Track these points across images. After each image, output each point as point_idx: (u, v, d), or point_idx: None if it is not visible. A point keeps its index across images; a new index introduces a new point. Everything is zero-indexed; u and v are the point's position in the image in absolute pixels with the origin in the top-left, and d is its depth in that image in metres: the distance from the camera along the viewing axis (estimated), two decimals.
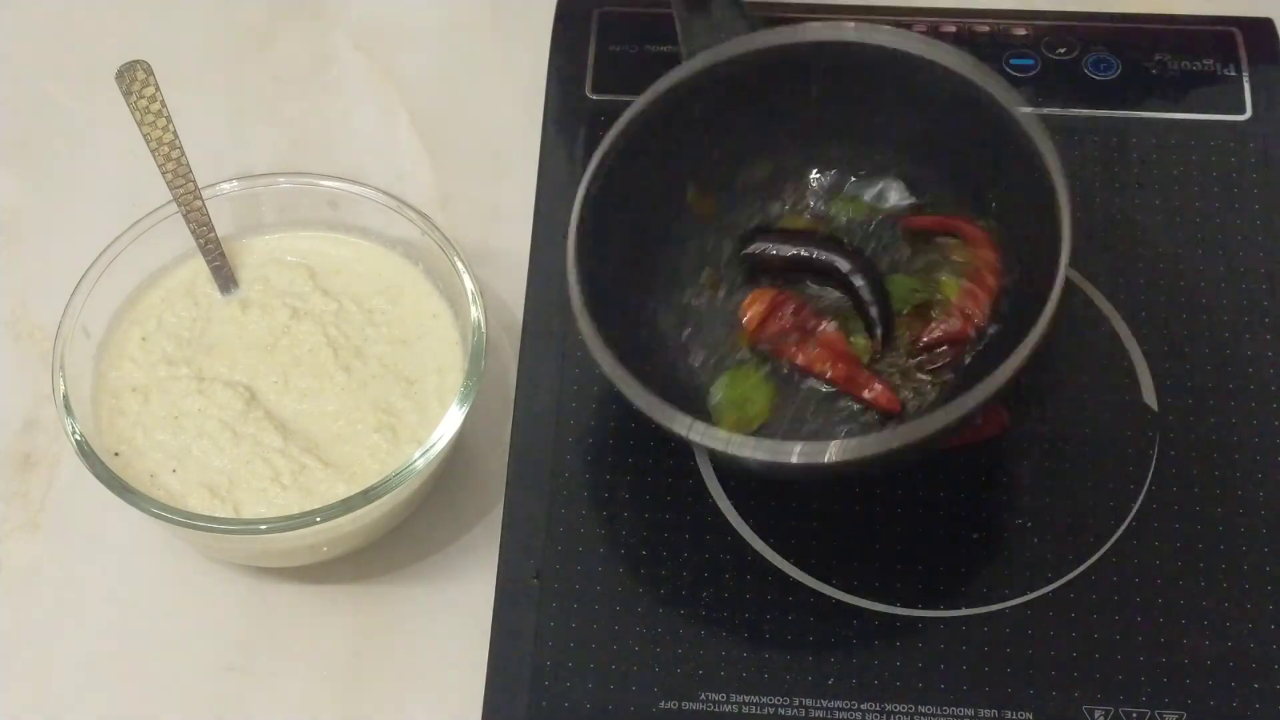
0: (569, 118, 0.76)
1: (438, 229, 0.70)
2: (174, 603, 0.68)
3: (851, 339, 0.66)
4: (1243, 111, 0.76)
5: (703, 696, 0.63)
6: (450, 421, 0.66)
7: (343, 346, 0.69)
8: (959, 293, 0.66)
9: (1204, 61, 0.77)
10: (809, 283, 0.68)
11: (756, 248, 0.68)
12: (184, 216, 0.70)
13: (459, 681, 0.65)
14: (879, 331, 0.66)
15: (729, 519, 0.66)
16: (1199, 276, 0.72)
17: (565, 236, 0.72)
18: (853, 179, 0.70)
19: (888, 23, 0.77)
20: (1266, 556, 0.65)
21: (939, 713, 0.63)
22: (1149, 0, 0.81)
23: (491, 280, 0.73)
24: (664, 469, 0.68)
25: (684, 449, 0.68)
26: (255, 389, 0.68)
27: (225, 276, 0.71)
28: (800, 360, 0.66)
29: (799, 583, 0.65)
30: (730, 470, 0.67)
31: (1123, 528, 0.66)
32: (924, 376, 0.66)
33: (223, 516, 0.65)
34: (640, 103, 0.67)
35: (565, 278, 0.64)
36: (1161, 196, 0.73)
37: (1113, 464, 0.67)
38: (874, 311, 0.66)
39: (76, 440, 0.65)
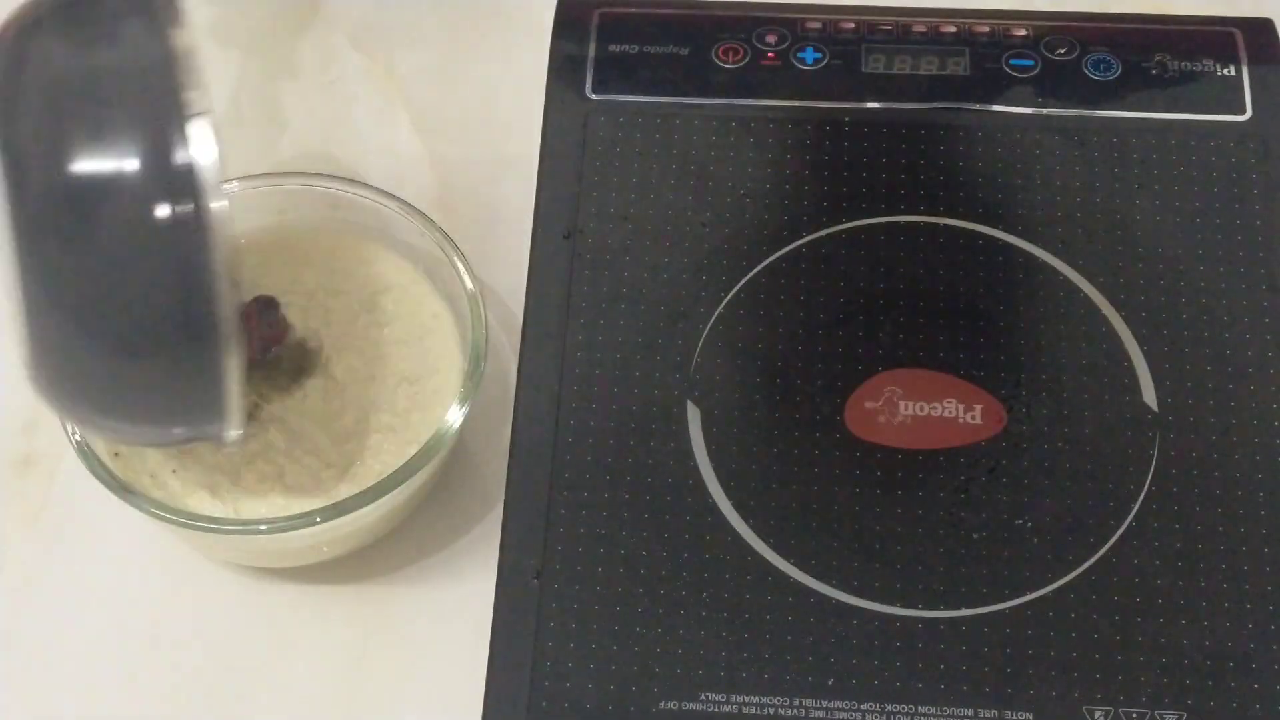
0: (569, 118, 0.76)
1: (438, 229, 0.70)
2: (174, 603, 0.68)
3: None
4: (1243, 111, 0.76)
5: (703, 696, 0.63)
6: (450, 422, 0.66)
7: (343, 347, 0.69)
8: None
9: (1204, 62, 0.77)
10: None
11: None
12: None
13: (459, 681, 0.65)
14: None
15: (729, 519, 0.67)
16: (1199, 276, 0.72)
17: (566, 237, 0.73)
18: None
19: (888, 22, 0.78)
20: (1266, 557, 0.65)
21: (939, 713, 0.63)
22: (1149, 0, 0.81)
23: (491, 280, 0.73)
24: (664, 469, 0.68)
25: (684, 448, 0.68)
26: (255, 389, 0.68)
27: None
28: None
29: (799, 583, 0.65)
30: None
31: (1123, 528, 0.66)
32: None
33: (222, 517, 0.65)
34: None
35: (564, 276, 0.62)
36: (1161, 196, 0.74)
37: (1113, 464, 0.68)
38: None
39: (76, 440, 0.65)
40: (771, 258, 0.72)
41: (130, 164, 0.56)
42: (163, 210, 0.56)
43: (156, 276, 0.57)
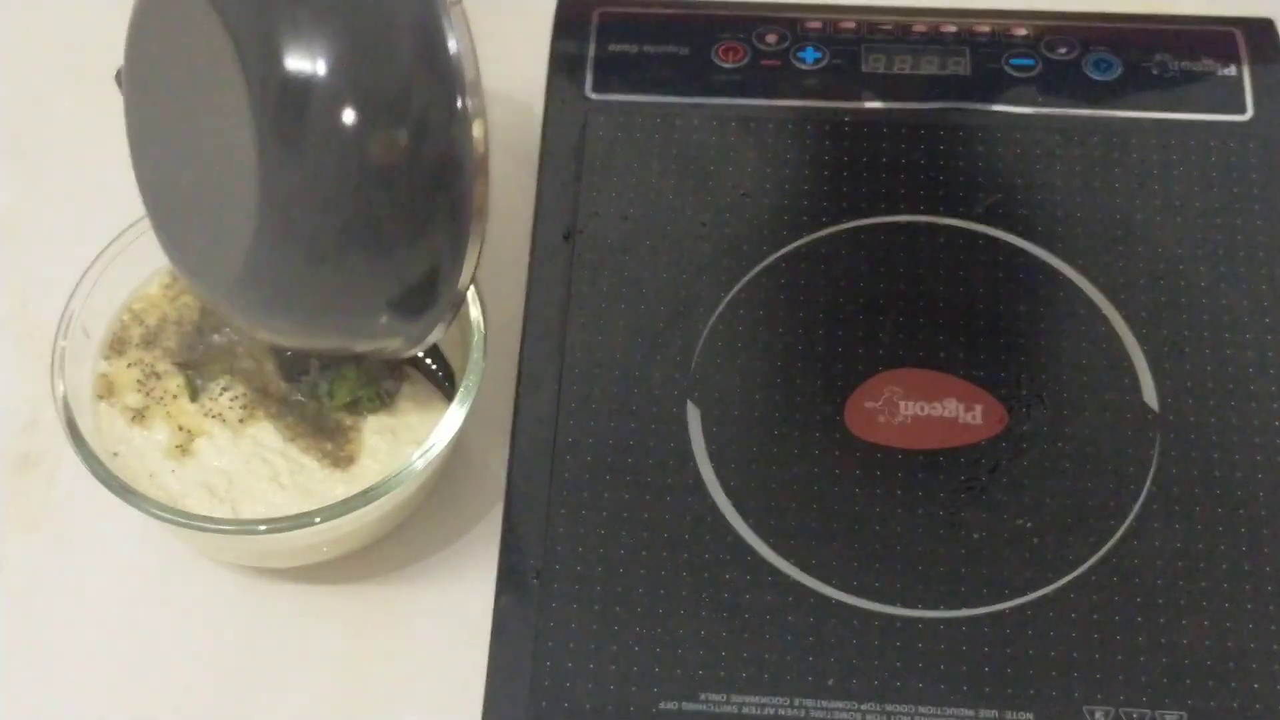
0: (569, 118, 0.76)
1: None
2: (174, 603, 0.68)
3: None
4: (1243, 111, 0.76)
5: (703, 696, 0.63)
6: (450, 421, 0.66)
7: None
8: None
9: (1204, 61, 0.77)
10: None
11: None
12: None
13: (459, 681, 0.65)
14: None
15: (729, 519, 0.67)
16: (1199, 276, 0.72)
17: (566, 237, 0.73)
18: None
19: (888, 22, 0.78)
20: (1267, 556, 0.65)
21: (939, 713, 0.63)
22: (1149, 0, 0.81)
23: (491, 280, 0.73)
24: (664, 469, 0.68)
25: (684, 448, 0.68)
26: (255, 389, 0.68)
27: None
28: None
29: (799, 583, 0.65)
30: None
31: (1123, 528, 0.66)
32: None
33: (221, 517, 0.65)
34: None
35: (564, 276, 0.63)
36: (1161, 196, 0.74)
37: (1113, 464, 0.68)
38: None
39: (76, 441, 0.65)
40: (771, 258, 0.72)
41: (399, 54, 0.57)
42: (426, 102, 0.56)
43: (421, 166, 0.57)
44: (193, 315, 0.70)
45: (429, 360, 0.67)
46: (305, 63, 0.56)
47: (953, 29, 0.78)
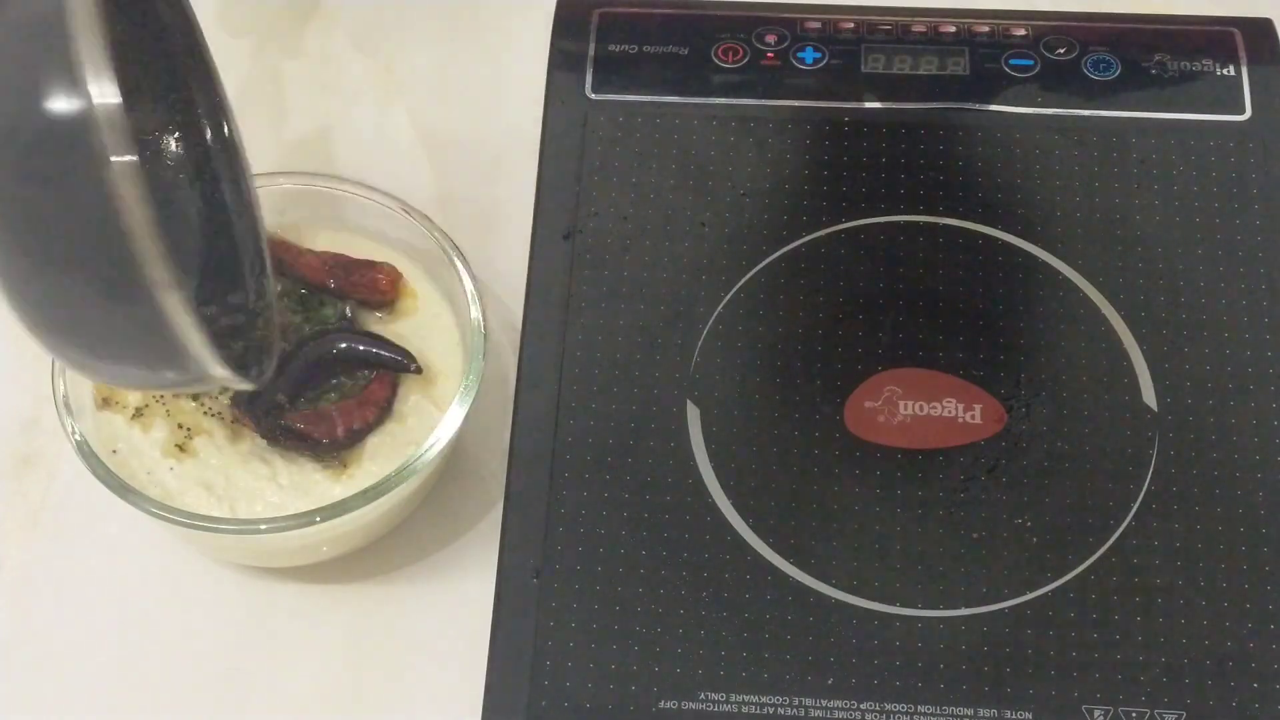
0: (569, 118, 0.76)
1: (438, 229, 0.70)
2: (174, 603, 0.68)
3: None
4: (1243, 111, 0.76)
5: (703, 696, 0.63)
6: (450, 421, 0.66)
7: None
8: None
9: (1204, 61, 0.77)
10: None
11: None
12: None
13: (459, 681, 0.65)
14: None
15: (729, 519, 0.67)
16: (1199, 276, 0.72)
17: (565, 237, 0.73)
18: None
19: (888, 22, 0.78)
20: (1266, 556, 0.65)
21: (939, 713, 0.63)
22: (1149, 0, 0.81)
23: (491, 280, 0.73)
24: (664, 469, 0.68)
25: (684, 448, 0.68)
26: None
27: None
28: None
29: (799, 583, 0.65)
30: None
31: (1122, 528, 0.66)
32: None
33: (220, 516, 0.65)
34: None
35: (564, 276, 0.62)
36: (1161, 196, 0.74)
37: (1112, 464, 0.68)
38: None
39: (76, 440, 0.65)
40: (771, 258, 0.73)
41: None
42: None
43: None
44: None
45: (379, 350, 0.68)
46: None
47: (952, 29, 0.78)
